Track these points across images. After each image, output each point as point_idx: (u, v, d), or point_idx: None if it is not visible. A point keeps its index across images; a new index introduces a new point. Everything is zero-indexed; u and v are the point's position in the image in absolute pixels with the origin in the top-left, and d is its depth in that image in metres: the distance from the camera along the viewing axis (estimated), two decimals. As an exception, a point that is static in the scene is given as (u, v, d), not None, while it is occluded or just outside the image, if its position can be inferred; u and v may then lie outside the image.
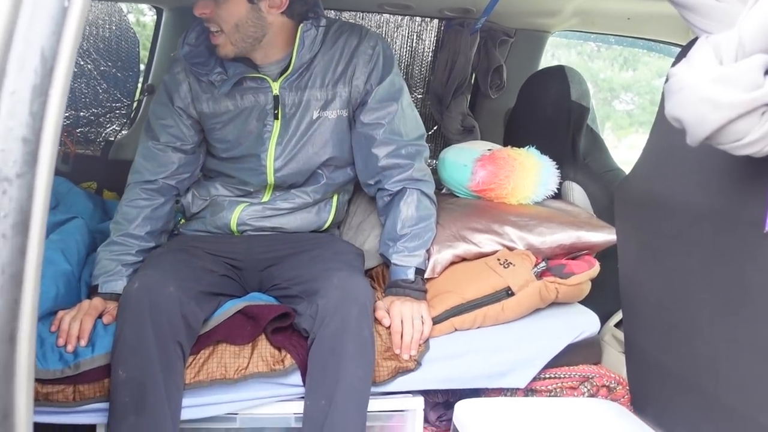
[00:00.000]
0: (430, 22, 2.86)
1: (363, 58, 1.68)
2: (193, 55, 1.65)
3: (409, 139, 1.73)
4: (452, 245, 1.72)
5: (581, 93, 2.13)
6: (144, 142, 1.73)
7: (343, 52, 1.68)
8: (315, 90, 1.67)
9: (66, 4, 0.60)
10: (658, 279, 1.39)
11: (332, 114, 1.69)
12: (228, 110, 1.68)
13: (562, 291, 1.64)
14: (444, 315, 1.59)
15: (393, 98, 1.71)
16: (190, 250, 1.67)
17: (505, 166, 1.89)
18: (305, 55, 1.63)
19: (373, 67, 1.69)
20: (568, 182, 2.00)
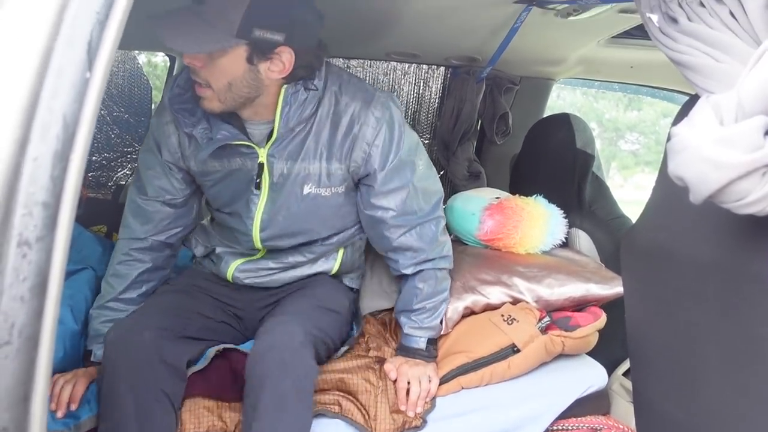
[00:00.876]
0: (437, 70, 2.89)
1: (364, 130, 1.47)
2: (181, 101, 1.47)
3: (423, 213, 1.59)
4: (461, 298, 1.72)
5: (586, 140, 2.15)
6: (131, 194, 1.61)
7: (340, 120, 1.46)
8: (307, 162, 1.48)
9: (88, 75, 0.63)
10: (666, 330, 1.39)
11: (326, 191, 1.52)
12: (216, 170, 1.52)
13: (569, 344, 1.63)
14: (450, 374, 1.59)
15: (403, 182, 1.54)
16: (192, 291, 1.62)
17: (513, 215, 1.90)
18: (291, 120, 1.42)
19: (378, 144, 1.49)
20: (575, 230, 2.01)
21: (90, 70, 0.64)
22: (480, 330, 1.65)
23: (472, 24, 1.95)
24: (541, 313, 1.66)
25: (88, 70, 0.64)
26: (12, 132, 0.60)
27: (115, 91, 2.64)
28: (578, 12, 1.70)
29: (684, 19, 0.96)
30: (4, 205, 0.59)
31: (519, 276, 1.73)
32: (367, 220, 1.61)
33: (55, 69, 0.63)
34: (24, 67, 0.62)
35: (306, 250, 1.64)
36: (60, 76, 0.63)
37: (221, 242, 1.68)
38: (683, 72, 0.98)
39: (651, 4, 1.05)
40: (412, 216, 1.58)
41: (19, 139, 0.60)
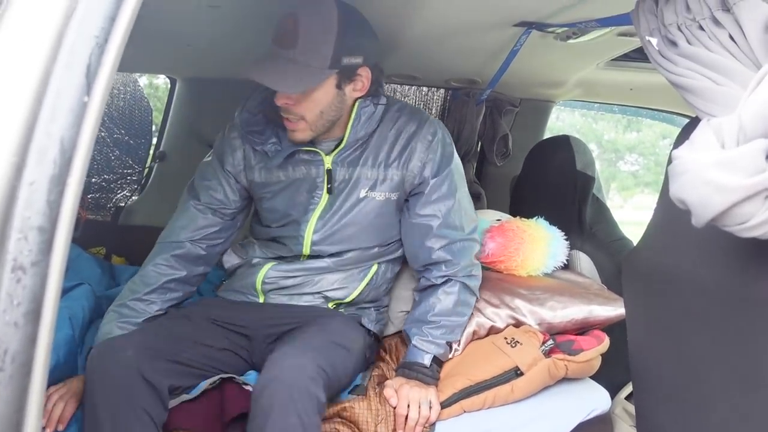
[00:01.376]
0: (437, 92, 2.90)
1: (423, 145, 1.63)
2: (251, 123, 1.64)
3: (463, 233, 1.68)
4: (467, 323, 1.70)
5: (586, 162, 2.15)
6: (184, 200, 1.70)
7: (400, 135, 1.63)
8: (366, 168, 1.62)
9: (86, 99, 0.63)
10: (669, 353, 1.37)
11: (380, 195, 1.63)
12: (279, 180, 1.65)
13: (572, 368, 1.61)
14: (453, 398, 1.56)
15: (451, 192, 1.66)
16: (193, 317, 1.61)
17: (515, 238, 1.89)
18: (359, 132, 1.59)
19: (432, 157, 1.64)
20: (576, 252, 2.00)
21: (88, 94, 0.64)
22: (483, 352, 1.64)
23: (471, 47, 1.96)
24: (545, 336, 1.64)
25: (86, 94, 0.64)
26: (8, 156, 0.59)
27: (115, 113, 2.67)
28: (577, 35, 1.70)
29: (683, 43, 0.96)
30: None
31: (522, 298, 1.72)
32: (411, 231, 1.69)
33: (54, 93, 0.63)
34: (22, 90, 0.62)
35: (343, 260, 1.68)
36: (58, 99, 0.63)
37: (260, 250, 1.73)
38: (683, 95, 0.98)
39: (650, 27, 1.05)
40: (454, 231, 1.66)
41: (15, 163, 0.60)
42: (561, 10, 1.53)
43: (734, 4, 0.89)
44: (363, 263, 1.71)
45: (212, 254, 1.71)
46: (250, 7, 1.62)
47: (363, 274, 1.71)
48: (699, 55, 0.94)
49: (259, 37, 1.74)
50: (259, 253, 1.73)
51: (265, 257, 1.72)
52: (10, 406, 0.59)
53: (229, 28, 1.72)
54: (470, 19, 1.66)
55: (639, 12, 1.07)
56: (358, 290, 1.70)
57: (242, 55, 2.11)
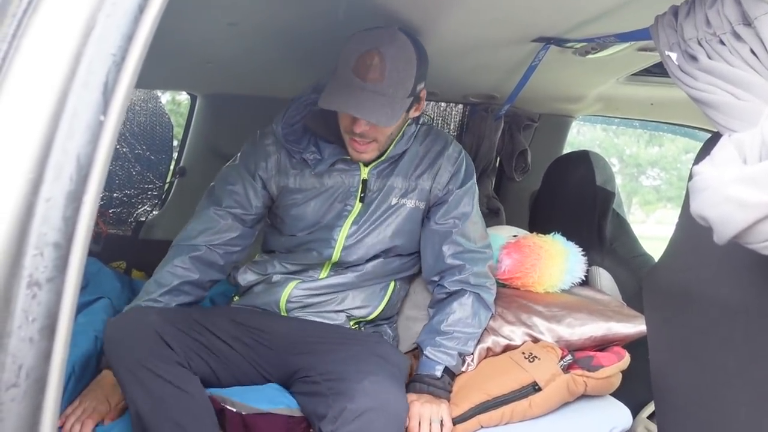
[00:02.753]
0: (455, 108, 2.90)
1: (450, 161, 1.75)
2: (289, 133, 1.70)
3: (476, 246, 1.76)
4: (482, 339, 1.69)
5: (606, 178, 2.13)
6: (202, 206, 1.73)
7: (429, 150, 1.75)
8: (399, 179, 1.71)
9: (102, 118, 0.63)
10: (692, 374, 1.34)
11: (410, 203, 1.72)
12: (313, 187, 1.70)
13: (591, 384, 1.58)
14: (469, 413, 1.54)
15: (469, 204, 1.77)
16: (215, 312, 1.67)
17: (531, 254, 1.87)
18: (401, 148, 1.69)
19: (457, 171, 1.75)
20: (595, 268, 1.98)
21: (105, 111, 0.65)
22: (501, 367, 1.62)
23: (490, 63, 1.96)
24: (563, 351, 1.62)
25: (103, 112, 0.65)
26: (26, 172, 0.60)
27: (137, 129, 2.70)
28: (596, 50, 1.70)
29: (704, 57, 0.95)
30: (16, 245, 0.59)
31: (539, 316, 1.70)
32: (430, 236, 1.77)
33: (71, 110, 0.63)
34: (40, 107, 0.62)
35: (365, 273, 1.73)
36: (75, 117, 0.63)
37: (280, 265, 1.74)
38: (704, 110, 0.97)
39: (670, 42, 1.04)
40: (467, 241, 1.75)
41: (32, 179, 0.60)
42: (579, 26, 1.52)
43: (755, 19, 0.88)
44: (382, 279, 1.75)
45: (228, 262, 1.72)
46: (268, 24, 1.64)
47: (383, 292, 1.76)
48: (719, 69, 0.92)
49: (277, 53, 1.81)
50: (280, 269, 1.73)
51: (287, 272, 1.73)
52: (25, 421, 0.59)
53: (247, 45, 1.74)
54: (488, 36, 1.67)
55: (658, 27, 1.06)
56: (379, 308, 1.74)
57: (261, 71, 2.15)
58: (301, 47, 1.87)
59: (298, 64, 2.06)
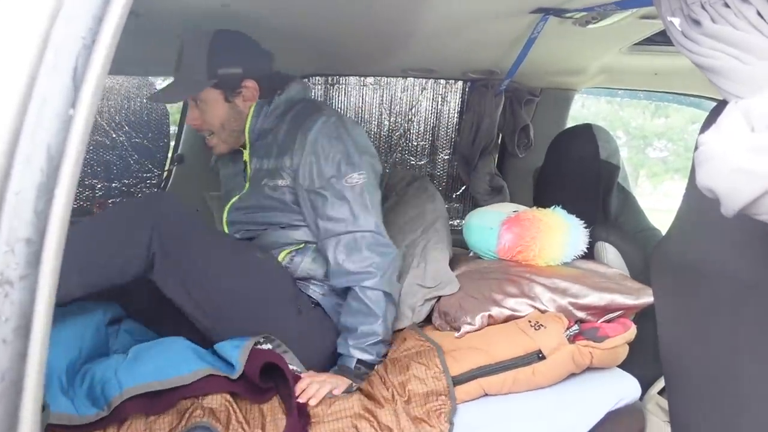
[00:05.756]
0: (455, 84, 2.88)
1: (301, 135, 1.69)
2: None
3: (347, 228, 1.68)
4: (484, 309, 1.68)
5: (610, 151, 2.11)
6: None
7: (291, 127, 1.73)
8: (271, 159, 1.73)
9: (72, 108, 0.60)
10: (701, 349, 1.32)
11: (281, 182, 1.71)
12: (225, 174, 1.94)
13: (597, 355, 1.59)
14: (470, 374, 1.54)
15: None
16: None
17: (531, 227, 1.87)
18: (257, 126, 1.75)
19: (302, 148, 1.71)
20: (601, 243, 1.94)
21: (76, 98, 0.62)
22: (505, 332, 1.63)
23: (488, 36, 1.92)
24: (570, 322, 1.62)
25: (73, 99, 0.61)
26: (-8, 165, 0.57)
27: (132, 117, 2.68)
28: (597, 20, 1.65)
29: (708, 21, 0.91)
30: (-15, 242, 0.56)
31: (541, 286, 1.71)
32: (305, 207, 1.79)
33: (39, 97, 0.60)
34: (5, 94, 0.59)
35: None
36: (44, 104, 0.60)
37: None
38: (709, 76, 0.93)
39: (672, 7, 0.99)
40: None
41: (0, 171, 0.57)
42: (579, -6, 1.49)
43: (762, -22, 0.83)
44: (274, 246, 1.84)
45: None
46: (262, 3, 1.61)
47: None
48: (724, 33, 0.88)
49: (272, 33, 1.77)
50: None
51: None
52: (2, 425, 0.56)
53: (241, 25, 1.71)
54: (484, 8, 1.63)
55: (660, -9, 1.02)
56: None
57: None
58: (297, 28, 1.85)
59: (295, 44, 2.04)
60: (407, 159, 2.97)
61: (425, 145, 2.97)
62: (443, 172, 3.01)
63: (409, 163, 2.98)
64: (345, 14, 1.68)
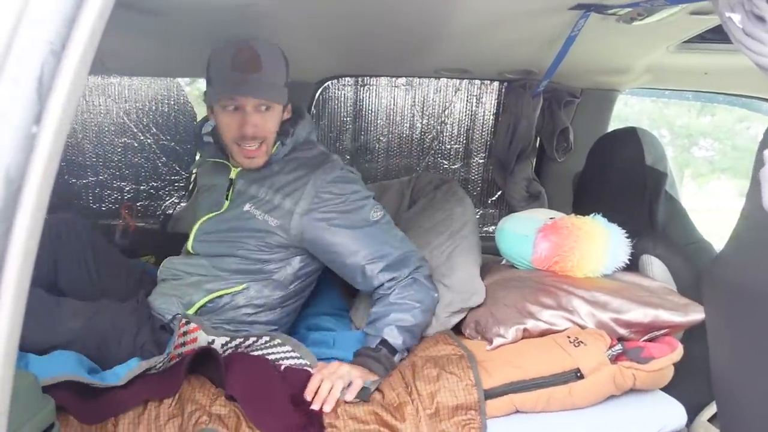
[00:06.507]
0: (490, 85, 2.83)
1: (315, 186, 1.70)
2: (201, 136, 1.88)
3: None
4: (519, 322, 1.62)
5: (657, 157, 2.02)
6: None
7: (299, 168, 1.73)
8: (264, 189, 1.72)
9: (35, 129, 0.52)
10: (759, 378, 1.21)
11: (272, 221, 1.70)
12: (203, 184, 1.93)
13: (640, 377, 1.51)
14: (501, 389, 1.48)
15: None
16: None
17: (569, 236, 1.79)
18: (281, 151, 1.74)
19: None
20: (647, 256, 1.84)
21: (41, 112, 0.54)
22: (542, 347, 1.57)
23: (525, 34, 1.85)
24: (612, 341, 1.55)
25: (38, 113, 0.54)
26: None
27: (160, 119, 2.70)
28: (643, 16, 1.57)
29: (775, 18, 0.80)
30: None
31: (579, 299, 1.63)
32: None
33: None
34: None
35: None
36: (1, 121, 0.53)
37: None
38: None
39: (731, 2, 0.89)
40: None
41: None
42: (623, -12, 1.40)
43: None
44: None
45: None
46: (287, 4, 1.58)
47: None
48: (795, 31, 0.77)
49: (300, 32, 1.78)
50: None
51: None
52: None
53: (268, 25, 1.70)
54: (521, 5, 1.56)
55: (717, -15, 0.92)
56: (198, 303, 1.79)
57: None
58: (326, 26, 1.82)
59: (324, 43, 2.01)
60: (440, 163, 2.92)
61: (459, 148, 2.91)
62: (478, 177, 2.95)
63: (442, 167, 2.93)
64: (375, 12, 1.64)
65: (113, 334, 1.59)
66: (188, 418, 1.34)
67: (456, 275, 1.82)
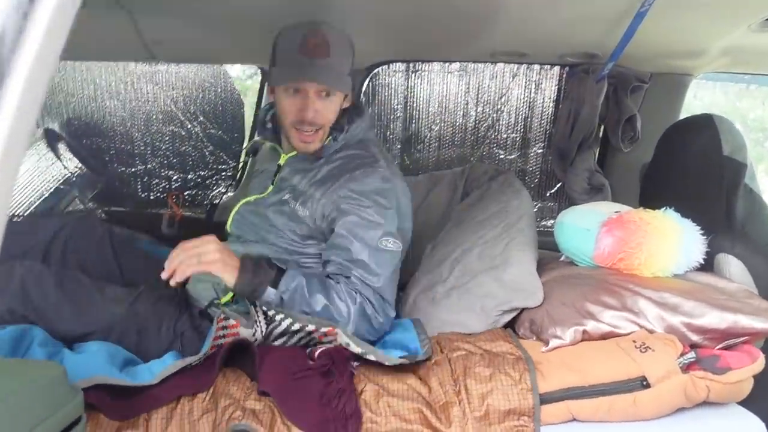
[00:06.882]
0: (550, 70, 2.75)
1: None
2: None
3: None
4: (578, 323, 1.54)
5: (735, 146, 1.90)
6: None
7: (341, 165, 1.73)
8: (304, 181, 1.72)
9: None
10: None
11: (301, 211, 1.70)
12: (257, 169, 2.01)
13: (715, 389, 1.41)
14: (558, 394, 1.42)
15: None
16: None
17: (637, 231, 1.70)
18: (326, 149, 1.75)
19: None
20: (724, 255, 1.71)
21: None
22: (603, 351, 1.50)
23: (588, 13, 1.80)
24: (684, 347, 1.46)
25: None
26: None
27: (207, 107, 2.75)
28: (723, -13, 1.47)
29: None
30: None
31: (647, 300, 1.54)
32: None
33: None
34: None
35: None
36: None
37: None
38: None
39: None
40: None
41: None
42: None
43: None
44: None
45: None
46: None
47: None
48: None
49: (349, 17, 1.78)
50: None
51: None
52: None
53: (319, 8, 1.71)
54: None
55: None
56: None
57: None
58: (376, 10, 1.83)
59: (374, 27, 2.00)
60: (496, 153, 2.86)
61: (516, 137, 2.85)
62: (536, 168, 2.89)
63: (498, 157, 2.87)
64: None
65: (153, 320, 1.61)
66: (222, 413, 1.33)
67: (511, 271, 1.76)
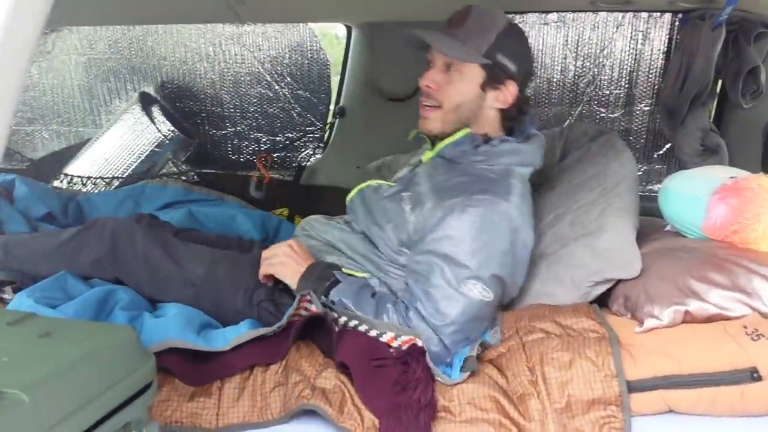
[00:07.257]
0: (660, 18, 2.57)
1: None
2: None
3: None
4: (679, 302, 1.41)
5: None
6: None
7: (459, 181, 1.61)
8: (428, 185, 1.62)
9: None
10: None
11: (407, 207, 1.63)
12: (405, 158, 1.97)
13: None
14: (651, 382, 1.33)
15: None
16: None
17: (755, 199, 1.54)
18: (446, 152, 1.65)
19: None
20: None
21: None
22: (707, 336, 1.38)
23: None
24: None
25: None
26: None
27: (295, 68, 2.76)
28: None
29: None
30: None
31: (764, 280, 1.41)
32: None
33: None
34: None
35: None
36: None
37: None
38: None
39: None
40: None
41: None
42: None
43: None
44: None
45: None
46: None
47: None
48: None
49: None
50: None
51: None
52: None
53: None
54: None
55: None
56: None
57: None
58: None
59: None
60: (596, 111, 2.73)
61: (620, 93, 2.71)
62: (642, 127, 2.74)
63: (599, 115, 2.73)
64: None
65: (231, 286, 1.62)
66: (292, 388, 1.33)
67: (605, 237, 1.64)
